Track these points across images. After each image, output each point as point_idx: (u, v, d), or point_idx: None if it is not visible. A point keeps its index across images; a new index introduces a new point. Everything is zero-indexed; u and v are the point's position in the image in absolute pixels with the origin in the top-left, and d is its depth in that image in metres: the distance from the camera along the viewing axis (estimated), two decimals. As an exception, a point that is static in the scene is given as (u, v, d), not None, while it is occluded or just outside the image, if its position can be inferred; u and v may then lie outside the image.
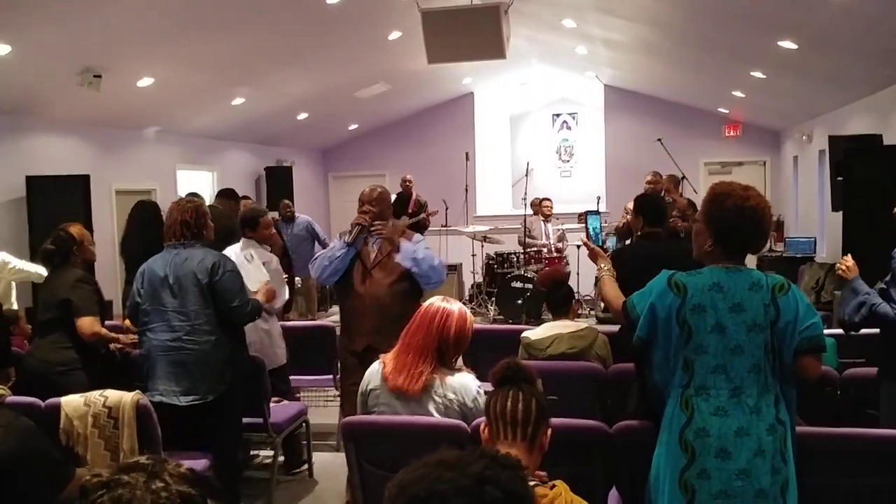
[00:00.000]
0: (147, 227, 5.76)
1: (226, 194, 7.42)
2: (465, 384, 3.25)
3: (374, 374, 3.39)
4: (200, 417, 4.16)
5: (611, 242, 5.60)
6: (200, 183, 11.34)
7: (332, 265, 4.49)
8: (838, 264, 3.74)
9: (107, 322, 4.90)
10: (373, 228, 4.45)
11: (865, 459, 3.09)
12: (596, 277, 9.78)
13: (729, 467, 2.60)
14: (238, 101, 10.25)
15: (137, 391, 4.01)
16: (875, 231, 4.23)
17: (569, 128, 17.45)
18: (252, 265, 5.31)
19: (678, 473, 2.65)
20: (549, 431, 2.38)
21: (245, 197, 7.93)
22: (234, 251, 5.42)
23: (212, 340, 4.20)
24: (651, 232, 4.61)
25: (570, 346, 4.42)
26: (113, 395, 3.88)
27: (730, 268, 2.74)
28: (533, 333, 4.59)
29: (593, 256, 3.50)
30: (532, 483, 2.23)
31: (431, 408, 3.25)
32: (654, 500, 2.76)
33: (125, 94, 8.44)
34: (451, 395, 3.23)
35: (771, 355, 2.68)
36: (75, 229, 4.74)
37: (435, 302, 3.31)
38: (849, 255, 3.74)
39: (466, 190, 13.20)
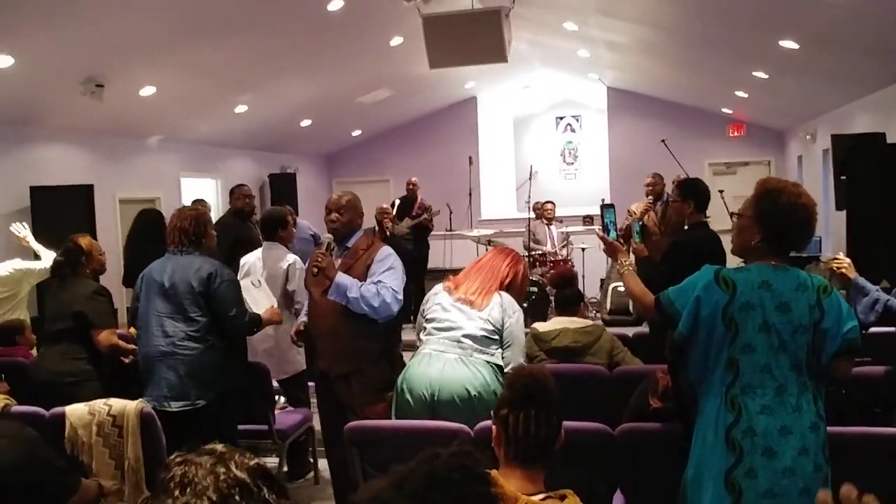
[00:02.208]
0: (147, 234, 5.79)
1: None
2: (512, 301, 3.82)
3: (437, 288, 3.96)
4: (194, 424, 4.16)
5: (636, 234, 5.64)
6: (204, 190, 11.36)
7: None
8: (835, 264, 3.70)
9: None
10: (314, 264, 4.13)
11: (875, 458, 3.07)
12: (602, 279, 9.67)
13: (775, 466, 2.58)
14: (241, 108, 10.26)
15: (141, 399, 4.03)
16: (878, 229, 4.21)
17: (573, 130, 17.45)
18: (259, 290, 5.27)
19: (724, 473, 2.62)
20: (562, 434, 2.38)
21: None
22: (253, 259, 5.46)
23: (203, 347, 4.19)
24: (703, 221, 4.65)
25: (575, 340, 4.48)
26: (117, 403, 3.89)
27: (776, 266, 2.71)
28: (541, 325, 4.78)
29: (612, 251, 3.38)
30: (541, 496, 2.23)
31: (484, 315, 3.72)
32: (693, 500, 2.72)
33: (128, 104, 8.45)
34: (506, 306, 3.77)
35: (811, 355, 2.66)
36: (84, 240, 4.78)
37: (507, 248, 4.04)
38: (841, 252, 3.73)
39: (470, 194, 13.20)
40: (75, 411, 3.88)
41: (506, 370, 3.70)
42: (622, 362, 4.51)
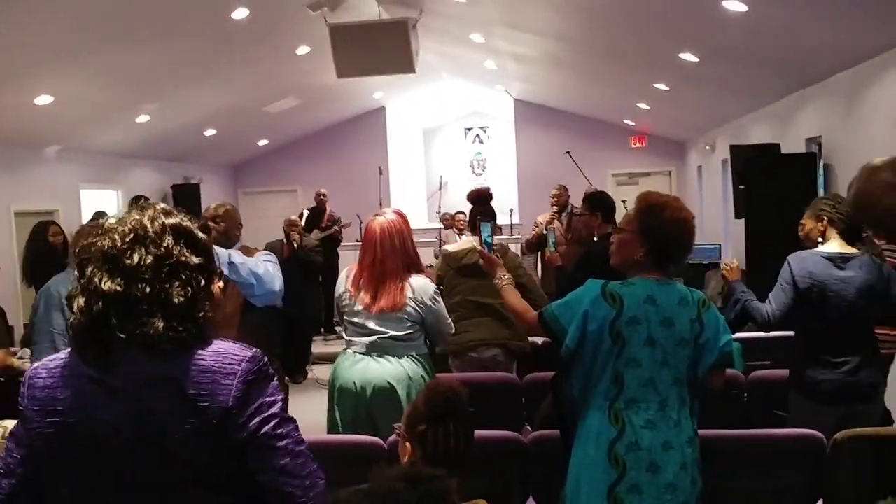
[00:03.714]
0: (33, 247, 5.66)
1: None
2: (422, 285, 3.69)
3: (343, 280, 3.80)
4: None
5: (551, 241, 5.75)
6: (105, 202, 11.03)
7: None
8: (722, 264, 3.95)
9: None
10: None
11: (774, 460, 3.17)
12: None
13: (658, 481, 2.59)
14: (143, 118, 9.99)
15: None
16: (775, 237, 4.37)
17: (481, 141, 17.59)
18: None
19: (607, 488, 2.61)
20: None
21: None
22: None
23: None
24: (611, 232, 4.71)
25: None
26: (12, 425, 3.72)
27: (660, 280, 2.74)
28: (451, 246, 5.21)
29: (490, 265, 3.33)
30: None
31: (406, 313, 3.63)
32: None
33: (22, 112, 8.13)
34: (419, 297, 3.64)
35: (690, 369, 2.71)
36: None
37: (377, 222, 3.69)
38: (734, 258, 3.97)
39: (380, 204, 13.16)
40: (-32, 435, 3.69)
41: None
42: (527, 284, 4.71)
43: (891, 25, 5.74)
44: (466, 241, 5.02)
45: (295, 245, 8.51)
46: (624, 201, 9.68)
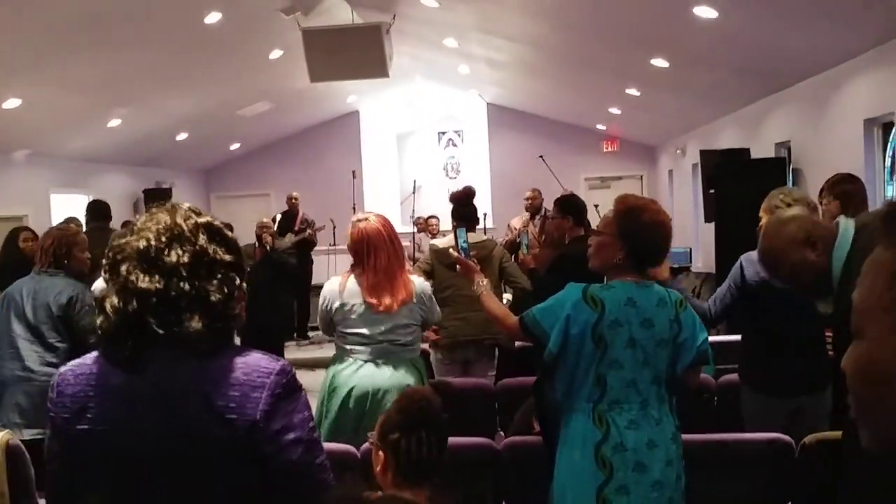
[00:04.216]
0: (3, 252, 5.64)
1: (96, 214, 7.15)
2: (420, 284, 3.86)
3: (336, 293, 3.75)
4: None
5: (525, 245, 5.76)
6: (76, 207, 10.91)
7: None
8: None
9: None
10: None
11: (743, 463, 3.21)
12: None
13: (645, 480, 2.62)
14: (115, 122, 9.91)
15: (7, 430, 3.81)
16: (744, 241, 4.41)
17: (454, 145, 17.58)
18: None
19: (595, 490, 2.62)
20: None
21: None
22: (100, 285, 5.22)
23: None
24: (584, 234, 4.77)
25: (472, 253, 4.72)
26: (-9, 435, 3.68)
27: (639, 283, 2.76)
28: (440, 241, 5.45)
29: (467, 272, 3.34)
30: None
31: (411, 316, 3.75)
32: None
33: (-11, 116, 8.05)
34: (420, 296, 3.78)
35: (669, 368, 2.74)
36: None
37: (375, 223, 3.73)
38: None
39: (354, 208, 13.12)
40: (-66, 446, 3.64)
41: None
42: (508, 269, 5.15)
43: (856, 33, 5.84)
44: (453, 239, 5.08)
45: (267, 247, 8.45)
46: (596, 205, 9.75)
